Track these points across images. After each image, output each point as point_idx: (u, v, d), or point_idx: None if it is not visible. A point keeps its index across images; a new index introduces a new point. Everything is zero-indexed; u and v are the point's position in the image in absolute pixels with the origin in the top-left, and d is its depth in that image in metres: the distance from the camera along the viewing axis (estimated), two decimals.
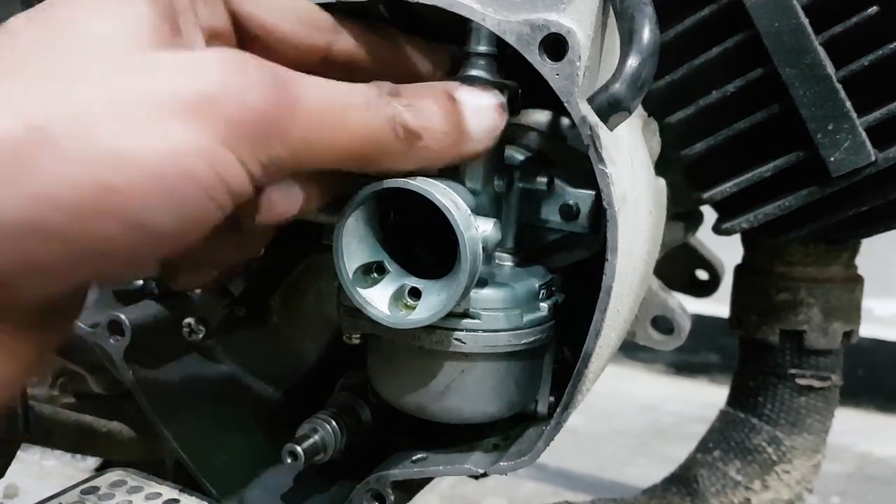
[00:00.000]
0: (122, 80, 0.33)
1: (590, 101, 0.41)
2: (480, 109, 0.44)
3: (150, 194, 0.32)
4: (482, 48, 0.48)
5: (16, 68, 0.32)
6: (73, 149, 0.31)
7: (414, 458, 0.56)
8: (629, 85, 0.41)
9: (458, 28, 0.49)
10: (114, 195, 0.31)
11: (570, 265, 0.58)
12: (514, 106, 0.49)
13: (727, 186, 0.69)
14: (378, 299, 0.47)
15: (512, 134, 0.58)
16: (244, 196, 0.36)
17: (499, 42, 0.47)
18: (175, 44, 0.37)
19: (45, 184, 0.30)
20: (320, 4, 0.47)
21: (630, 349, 2.24)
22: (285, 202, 0.41)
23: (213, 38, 0.42)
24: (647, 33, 0.42)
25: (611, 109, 0.41)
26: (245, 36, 0.44)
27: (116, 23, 0.35)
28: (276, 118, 0.36)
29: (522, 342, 0.51)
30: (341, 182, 0.45)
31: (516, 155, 0.57)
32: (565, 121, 0.58)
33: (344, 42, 0.47)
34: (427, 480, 0.60)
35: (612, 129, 0.43)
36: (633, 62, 0.41)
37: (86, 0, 0.35)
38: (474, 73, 0.48)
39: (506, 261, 0.55)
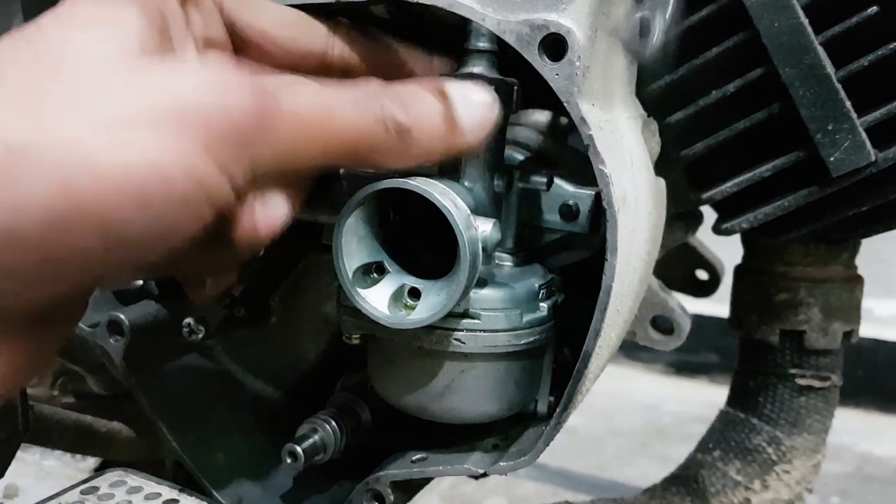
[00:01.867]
0: (100, 94, 0.33)
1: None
2: (470, 103, 0.44)
3: (125, 206, 0.32)
4: (482, 45, 0.48)
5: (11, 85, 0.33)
6: (47, 164, 0.31)
7: (414, 458, 0.56)
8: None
9: (458, 28, 0.49)
10: (87, 208, 0.32)
11: (570, 265, 0.58)
12: (512, 102, 0.49)
13: (727, 186, 0.69)
14: (378, 299, 0.47)
15: (512, 134, 0.58)
16: (227, 205, 0.36)
17: (499, 40, 0.47)
18: (163, 55, 0.37)
19: (21, 197, 0.31)
20: (319, 5, 0.47)
21: (630, 349, 2.24)
22: (273, 215, 0.41)
23: (207, 48, 0.42)
24: None
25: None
26: (241, 44, 0.44)
27: (103, 37, 0.35)
28: (256, 124, 0.36)
29: (522, 342, 0.51)
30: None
31: (516, 155, 0.57)
32: (565, 121, 0.58)
33: (339, 48, 0.48)
34: (427, 480, 0.60)
35: (645, 56, 0.42)
36: None
37: (75, 14, 0.36)
38: (474, 69, 0.48)
39: (506, 261, 0.55)
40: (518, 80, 0.51)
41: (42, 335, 0.37)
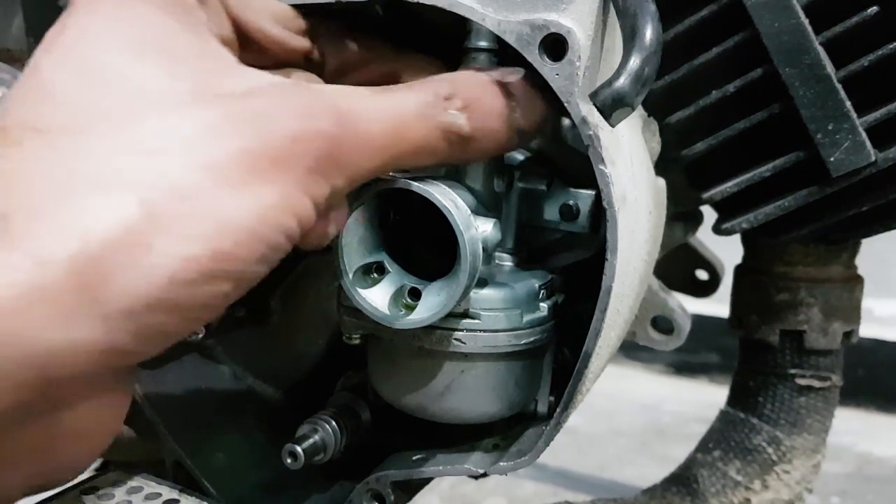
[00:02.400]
0: (196, 141, 0.33)
1: (593, 96, 0.42)
2: (534, 101, 0.44)
3: (252, 251, 0.33)
4: (482, 44, 0.48)
5: (96, 140, 0.32)
6: (179, 223, 0.31)
7: (414, 458, 0.56)
8: (633, 81, 0.41)
9: (457, 28, 0.49)
10: (224, 260, 0.32)
11: (570, 265, 0.58)
12: None
13: (727, 186, 0.69)
14: (378, 299, 0.47)
15: None
16: (309, 226, 0.37)
17: (499, 40, 0.47)
18: (214, 70, 0.36)
19: (163, 262, 0.31)
20: (318, 5, 0.47)
21: (630, 349, 2.24)
22: (338, 223, 0.42)
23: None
24: (649, 30, 0.42)
25: (614, 105, 0.41)
26: (244, 43, 0.44)
27: (152, 60, 0.34)
28: (339, 154, 0.36)
29: (522, 342, 0.51)
30: None
31: (516, 155, 0.57)
32: (565, 121, 0.58)
33: (323, 43, 0.48)
34: (427, 480, 0.60)
35: (614, 126, 0.43)
36: (636, 59, 0.41)
37: (102, 29, 0.35)
38: (474, 68, 0.48)
39: (506, 261, 0.55)
40: None
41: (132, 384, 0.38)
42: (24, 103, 0.33)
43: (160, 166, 0.31)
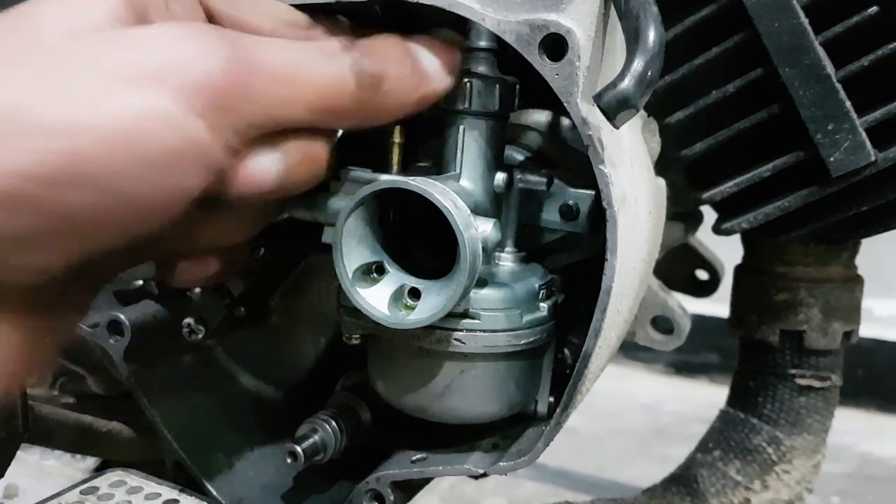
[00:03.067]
0: (77, 59, 0.34)
1: (597, 98, 0.42)
2: (432, 48, 0.46)
3: (117, 160, 0.33)
4: (482, 44, 0.48)
5: None
6: (36, 122, 0.32)
7: (414, 458, 0.56)
8: (637, 83, 0.41)
9: (458, 28, 0.49)
10: (81, 162, 0.32)
11: (570, 265, 0.58)
12: (513, 102, 0.50)
13: (727, 186, 0.69)
14: (378, 299, 0.47)
15: (512, 134, 0.58)
16: (219, 164, 0.37)
17: (499, 39, 0.47)
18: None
19: (14, 156, 0.31)
20: (317, 5, 0.47)
21: (630, 349, 2.24)
22: (262, 170, 0.41)
23: None
24: (652, 32, 0.42)
25: (619, 107, 0.41)
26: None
27: (77, 13, 0.36)
28: (237, 80, 0.37)
29: (522, 342, 0.51)
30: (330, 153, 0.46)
31: (516, 155, 0.57)
32: (565, 121, 0.58)
33: (320, 38, 0.48)
34: (427, 480, 0.60)
35: (618, 127, 0.44)
36: (640, 61, 0.42)
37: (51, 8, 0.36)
38: (474, 68, 0.48)
39: (506, 261, 0.55)
40: (518, 80, 0.51)
41: (46, 322, 0.37)
42: None
43: (21, 74, 0.33)
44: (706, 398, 1.39)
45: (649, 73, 0.42)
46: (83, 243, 0.35)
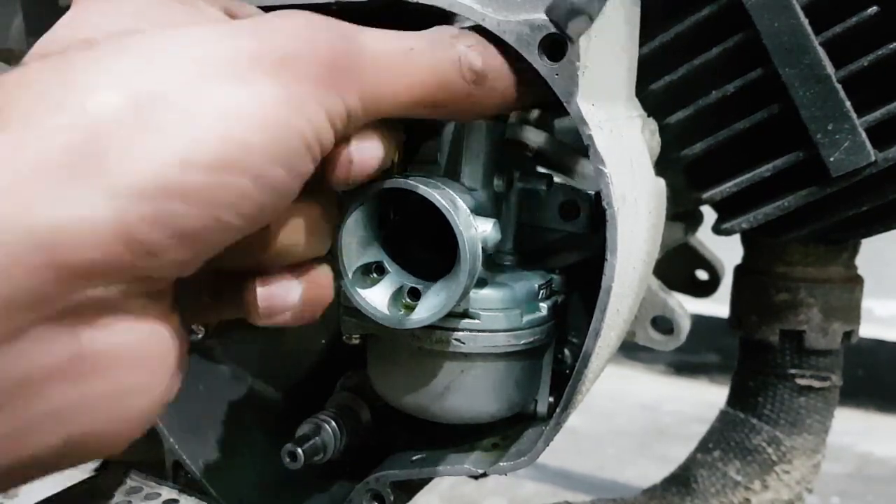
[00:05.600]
0: (202, 48, 0.34)
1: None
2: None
3: (267, 146, 0.34)
4: None
5: (103, 51, 0.33)
6: (187, 110, 0.32)
7: (414, 458, 0.56)
8: None
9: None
10: (241, 148, 0.33)
11: (570, 265, 0.58)
12: None
13: (727, 186, 0.69)
14: (378, 300, 0.47)
15: (512, 134, 0.58)
16: (329, 147, 0.38)
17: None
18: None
19: (176, 145, 0.31)
20: (317, 5, 0.47)
21: (630, 349, 2.24)
22: (367, 155, 0.41)
23: None
24: None
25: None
26: None
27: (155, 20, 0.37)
28: (347, 66, 0.37)
29: (522, 342, 0.51)
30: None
31: (516, 155, 0.57)
32: (565, 121, 0.58)
33: None
34: (427, 480, 0.60)
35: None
36: None
37: (103, 8, 0.37)
38: None
39: (506, 261, 0.55)
40: None
41: (186, 322, 0.37)
42: (34, 55, 0.36)
43: (161, 62, 0.33)
44: (706, 398, 1.40)
45: None
46: (226, 233, 0.34)
